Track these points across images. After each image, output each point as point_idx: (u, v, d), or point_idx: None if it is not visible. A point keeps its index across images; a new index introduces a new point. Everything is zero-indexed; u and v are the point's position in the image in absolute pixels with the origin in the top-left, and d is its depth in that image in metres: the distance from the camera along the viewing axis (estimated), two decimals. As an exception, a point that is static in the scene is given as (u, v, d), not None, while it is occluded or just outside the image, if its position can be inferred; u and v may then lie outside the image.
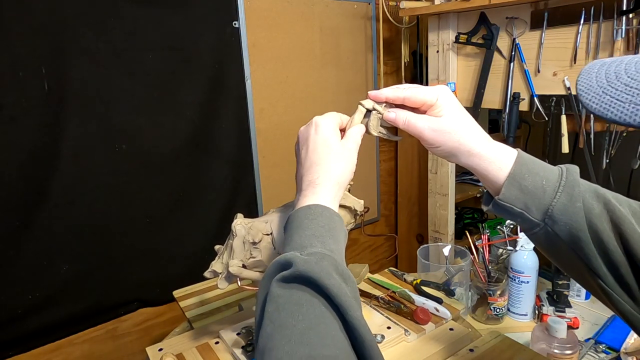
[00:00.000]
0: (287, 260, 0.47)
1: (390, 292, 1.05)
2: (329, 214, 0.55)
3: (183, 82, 1.56)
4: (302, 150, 0.62)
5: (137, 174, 1.52)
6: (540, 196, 0.54)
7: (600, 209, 0.53)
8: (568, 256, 0.54)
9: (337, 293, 0.44)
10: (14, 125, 1.28)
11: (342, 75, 2.04)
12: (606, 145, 1.40)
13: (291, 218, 0.56)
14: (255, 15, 1.70)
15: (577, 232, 0.52)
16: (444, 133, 0.57)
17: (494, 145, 0.57)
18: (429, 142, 0.58)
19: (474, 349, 0.88)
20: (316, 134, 0.61)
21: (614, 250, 0.51)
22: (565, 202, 0.53)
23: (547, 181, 0.54)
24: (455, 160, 0.59)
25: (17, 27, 1.25)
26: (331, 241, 0.52)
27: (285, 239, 0.55)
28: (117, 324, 1.62)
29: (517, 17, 1.52)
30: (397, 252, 2.50)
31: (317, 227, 0.53)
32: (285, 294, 0.45)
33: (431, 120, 0.58)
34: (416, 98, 0.59)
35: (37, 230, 1.36)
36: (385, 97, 0.62)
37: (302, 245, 0.51)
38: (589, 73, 0.49)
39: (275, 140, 1.86)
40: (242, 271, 0.77)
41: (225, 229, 0.80)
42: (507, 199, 0.55)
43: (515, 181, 0.55)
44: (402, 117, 0.60)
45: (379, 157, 2.29)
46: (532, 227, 0.55)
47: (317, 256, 0.48)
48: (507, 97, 1.59)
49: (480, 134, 0.58)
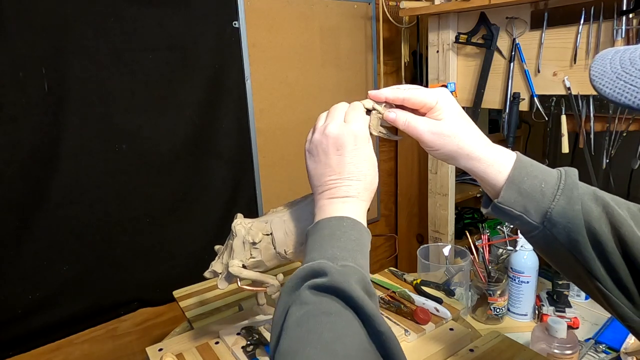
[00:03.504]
0: (322, 269, 0.47)
1: (390, 292, 1.05)
2: (360, 228, 0.55)
3: (183, 82, 1.56)
4: (334, 156, 0.58)
5: (137, 174, 1.52)
6: (539, 199, 0.54)
7: (599, 212, 0.53)
8: (566, 259, 0.54)
9: (367, 306, 0.44)
10: (14, 125, 1.28)
11: (342, 75, 2.04)
12: (606, 145, 1.40)
13: (322, 224, 0.55)
14: (255, 15, 1.70)
15: (575, 235, 0.52)
16: (444, 136, 0.57)
17: (493, 148, 0.57)
18: (428, 144, 0.58)
19: (474, 349, 0.88)
20: (356, 146, 0.58)
21: (613, 253, 0.51)
22: (564, 204, 0.53)
23: (545, 184, 0.54)
24: (454, 163, 0.59)
25: (17, 27, 1.25)
26: (360, 257, 0.52)
27: (312, 244, 0.54)
28: (117, 324, 1.62)
29: (517, 17, 1.52)
30: (397, 252, 2.51)
31: (349, 240, 0.53)
32: (316, 300, 0.45)
33: (431, 123, 0.58)
34: (416, 99, 0.59)
35: (37, 230, 1.36)
36: (385, 97, 0.61)
37: (335, 257, 0.50)
38: (603, 59, 0.48)
39: (275, 140, 1.86)
40: (242, 271, 0.77)
41: (225, 229, 0.80)
42: (506, 201, 0.55)
43: (514, 184, 0.55)
44: (402, 118, 0.59)
45: (379, 157, 2.29)
46: (531, 230, 0.55)
47: (351, 270, 0.48)
48: (507, 97, 1.59)
49: (479, 137, 0.58)
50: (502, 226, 1.30)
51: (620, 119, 1.36)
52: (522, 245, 1.16)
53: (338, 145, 0.58)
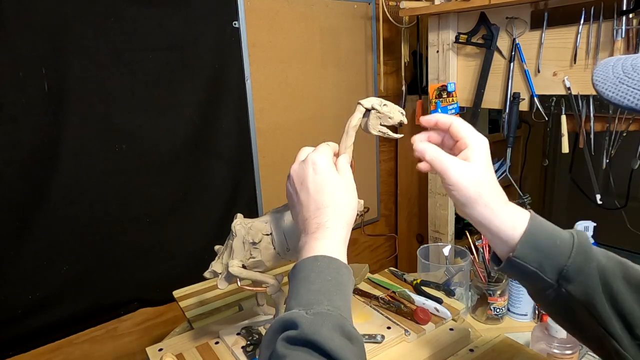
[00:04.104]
0: (293, 321, 0.47)
1: (390, 292, 1.05)
2: (337, 265, 0.54)
3: (183, 82, 1.56)
4: (301, 192, 0.59)
5: (137, 174, 1.52)
6: (555, 255, 0.54)
7: (614, 269, 0.53)
8: (582, 318, 0.54)
9: (342, 356, 0.44)
10: (14, 125, 1.28)
11: (342, 75, 2.04)
12: (606, 145, 1.40)
13: (298, 268, 0.54)
14: (255, 15, 1.70)
15: (592, 291, 0.52)
16: (469, 178, 0.56)
17: (509, 204, 0.58)
18: (451, 182, 0.56)
19: (474, 349, 0.88)
20: (316, 174, 0.59)
21: (630, 312, 0.51)
22: (580, 262, 0.53)
23: (561, 241, 0.54)
24: (469, 210, 0.57)
25: (17, 27, 1.25)
26: (338, 297, 0.51)
27: (291, 290, 0.53)
28: (117, 324, 1.62)
29: (517, 17, 1.52)
30: (397, 252, 2.50)
31: (324, 281, 0.52)
32: (290, 354, 0.45)
33: (459, 162, 0.57)
34: (459, 131, 0.59)
35: (37, 230, 1.36)
36: (436, 120, 0.61)
37: (309, 302, 0.50)
38: (605, 66, 0.49)
39: (275, 140, 1.86)
40: (242, 271, 0.77)
41: (225, 229, 0.80)
42: (522, 256, 0.55)
43: (531, 240, 0.55)
44: (431, 151, 0.58)
45: (379, 157, 2.29)
46: (545, 289, 0.55)
47: (323, 317, 0.47)
48: (507, 97, 1.59)
49: (500, 192, 0.58)
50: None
51: (620, 119, 1.35)
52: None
53: (300, 179, 0.59)
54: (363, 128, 0.69)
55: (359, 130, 0.68)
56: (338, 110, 2.02)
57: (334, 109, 2.01)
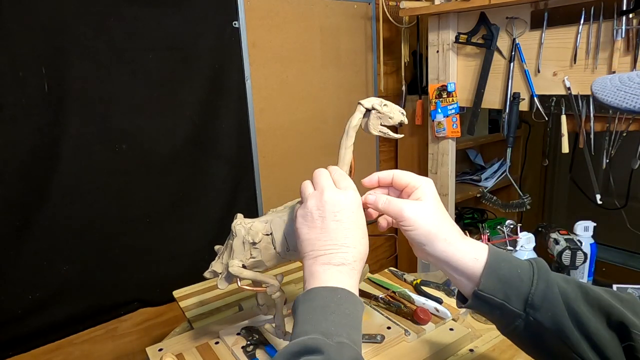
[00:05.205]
0: (317, 346, 0.47)
1: (390, 292, 1.05)
2: (354, 301, 0.55)
3: (183, 82, 1.56)
4: (331, 221, 0.58)
5: (137, 174, 1.52)
6: (518, 284, 0.54)
7: (575, 292, 0.53)
8: (553, 346, 0.54)
9: None
10: (14, 125, 1.28)
11: (342, 75, 2.04)
12: (606, 145, 1.40)
13: (314, 294, 0.54)
14: (255, 15, 1.70)
15: (559, 317, 0.52)
16: (423, 215, 0.57)
17: (467, 238, 0.59)
18: (408, 222, 0.57)
19: (474, 349, 0.88)
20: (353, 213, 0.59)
21: (596, 333, 0.51)
22: (544, 288, 0.53)
23: (521, 270, 0.55)
24: (430, 248, 0.58)
25: (17, 27, 1.25)
26: (354, 332, 0.52)
27: (304, 314, 0.53)
28: (117, 324, 1.62)
29: (517, 17, 1.52)
30: (397, 252, 2.50)
31: (343, 314, 0.52)
32: None
33: (411, 202, 0.59)
34: (402, 179, 0.61)
35: (37, 230, 1.36)
36: (377, 177, 0.64)
37: (329, 331, 0.50)
38: (603, 79, 0.53)
39: (275, 140, 1.86)
40: (242, 271, 0.77)
41: (225, 229, 0.80)
42: (487, 289, 0.55)
43: (493, 270, 0.55)
44: (383, 198, 0.61)
45: (379, 157, 2.29)
46: (514, 320, 0.55)
47: (345, 348, 0.48)
48: (507, 97, 1.59)
49: (455, 226, 0.59)
50: (502, 226, 1.30)
51: (620, 119, 1.36)
52: (522, 245, 1.16)
53: (336, 211, 0.58)
54: (363, 128, 0.69)
55: (359, 130, 0.68)
56: (338, 110, 2.02)
57: (334, 109, 2.01)
